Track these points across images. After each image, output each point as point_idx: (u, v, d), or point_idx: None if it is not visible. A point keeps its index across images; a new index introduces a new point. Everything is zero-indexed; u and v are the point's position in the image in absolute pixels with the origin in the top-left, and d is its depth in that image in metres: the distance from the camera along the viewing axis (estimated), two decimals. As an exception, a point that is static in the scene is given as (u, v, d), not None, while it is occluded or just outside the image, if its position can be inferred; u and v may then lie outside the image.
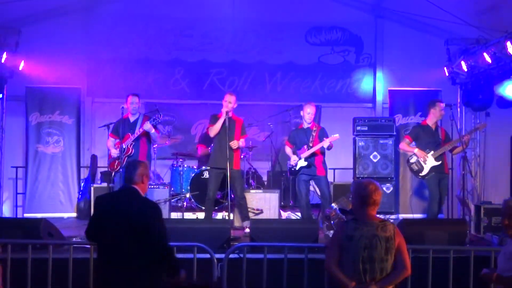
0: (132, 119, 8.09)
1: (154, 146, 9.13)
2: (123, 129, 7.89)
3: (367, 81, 11.58)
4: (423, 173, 8.01)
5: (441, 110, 8.10)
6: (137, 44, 11.32)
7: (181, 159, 9.78)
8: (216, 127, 7.93)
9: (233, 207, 8.28)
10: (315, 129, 8.13)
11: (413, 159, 8.09)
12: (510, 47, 7.70)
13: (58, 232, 6.85)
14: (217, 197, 8.57)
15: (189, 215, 8.87)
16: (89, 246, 5.81)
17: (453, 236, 6.66)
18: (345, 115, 10.73)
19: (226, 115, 7.89)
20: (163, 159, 10.43)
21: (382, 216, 6.92)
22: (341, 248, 4.08)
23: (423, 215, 9.23)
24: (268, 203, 8.66)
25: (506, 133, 9.90)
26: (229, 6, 10.86)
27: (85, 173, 10.58)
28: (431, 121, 8.12)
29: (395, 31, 11.33)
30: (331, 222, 7.46)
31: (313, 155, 8.05)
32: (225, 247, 6.28)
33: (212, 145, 8.46)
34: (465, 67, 9.18)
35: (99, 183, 9.98)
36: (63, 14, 10.87)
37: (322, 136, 8.03)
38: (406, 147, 8.24)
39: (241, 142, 8.05)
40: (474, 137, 9.77)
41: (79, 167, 10.38)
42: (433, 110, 8.09)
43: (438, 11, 9.10)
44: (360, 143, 9.10)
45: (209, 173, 8.36)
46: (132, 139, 7.86)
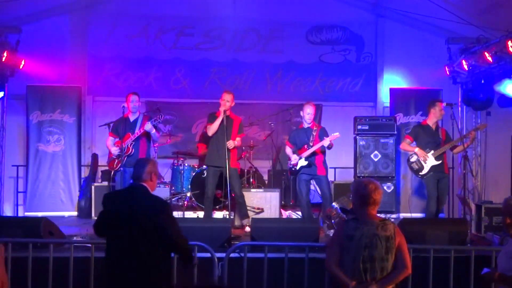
0: (132, 118, 8.07)
1: (154, 145, 9.13)
2: (123, 129, 7.89)
3: (368, 80, 11.57)
4: (423, 172, 8.01)
5: (441, 110, 8.11)
6: (138, 42, 11.32)
7: (182, 158, 9.79)
8: (214, 126, 7.93)
9: (234, 206, 8.27)
10: (315, 128, 8.13)
11: (413, 158, 8.10)
12: (510, 46, 7.70)
13: (58, 230, 6.86)
14: (218, 196, 8.58)
15: (189, 214, 8.88)
16: (89, 245, 5.83)
17: (454, 235, 6.67)
18: (346, 114, 10.74)
19: (224, 113, 7.89)
20: (164, 158, 10.42)
21: (383, 215, 6.93)
22: (341, 247, 4.07)
23: (423, 214, 9.22)
24: (268, 202, 8.66)
25: (507, 132, 9.87)
26: (230, 5, 10.83)
27: (85, 172, 10.58)
28: (431, 121, 8.13)
29: (396, 30, 11.31)
30: (332, 221, 7.46)
31: (314, 154, 8.04)
32: (225, 246, 6.29)
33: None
34: (466, 66, 9.18)
35: (100, 181, 9.99)
36: (63, 12, 10.88)
37: (322, 135, 8.02)
38: (406, 146, 8.26)
39: (237, 141, 8.03)
40: (475, 136, 9.74)
41: (79, 165, 10.39)
42: (433, 110, 8.09)
43: (439, 10, 9.10)
44: (361, 142, 9.09)
45: (206, 172, 8.35)
46: (132, 138, 7.85)
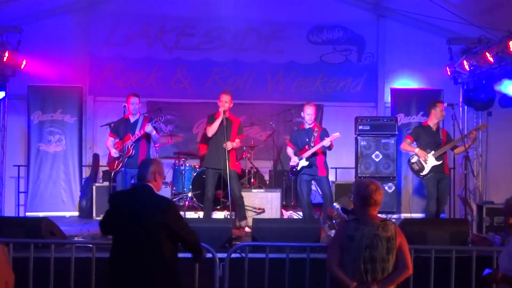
0: (132, 119, 8.07)
1: (156, 145, 9.14)
2: (123, 130, 7.89)
3: (369, 81, 11.56)
4: (424, 173, 8.02)
5: (442, 110, 8.12)
6: (139, 42, 11.32)
7: (183, 158, 9.79)
8: (213, 127, 7.93)
9: (234, 206, 8.27)
10: (316, 129, 8.12)
11: (414, 159, 8.11)
12: (512, 47, 7.70)
13: (60, 231, 6.86)
14: (219, 196, 8.58)
15: (191, 214, 8.88)
16: (91, 245, 5.84)
17: (455, 236, 6.66)
18: (347, 114, 10.74)
19: (223, 114, 7.89)
20: (165, 158, 10.41)
21: (384, 215, 6.93)
22: (342, 248, 4.07)
23: (424, 214, 9.21)
24: (270, 203, 8.66)
25: (508, 133, 9.88)
26: (231, 5, 10.82)
27: (87, 172, 10.59)
28: (432, 121, 8.13)
29: (397, 31, 11.31)
30: (333, 221, 7.46)
31: (315, 155, 8.04)
32: (226, 247, 6.29)
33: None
34: (467, 67, 9.17)
35: (101, 182, 10.00)
36: (64, 12, 10.88)
37: (323, 136, 8.00)
38: (407, 147, 8.27)
39: (236, 143, 8.04)
40: (476, 136, 9.73)
41: (81, 166, 10.41)
42: (433, 111, 8.11)
43: (440, 10, 9.09)
44: (362, 143, 9.09)
45: (206, 173, 8.35)
46: (132, 140, 7.85)
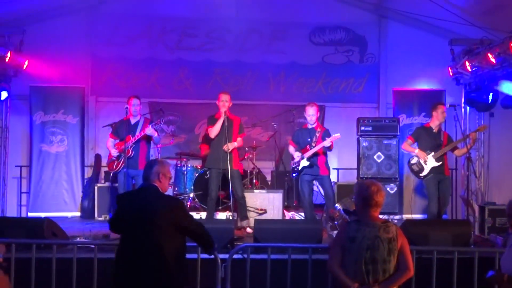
0: (133, 121, 8.11)
1: (158, 146, 9.17)
2: (123, 131, 7.91)
3: (371, 81, 11.56)
4: (423, 174, 8.03)
5: (443, 112, 8.14)
6: (141, 43, 11.33)
7: (185, 159, 9.80)
8: (216, 128, 7.94)
9: (236, 207, 8.27)
10: (319, 130, 8.12)
11: (414, 160, 8.13)
12: (514, 48, 7.69)
13: (61, 231, 6.86)
14: (221, 197, 8.57)
15: (192, 215, 8.85)
16: (93, 245, 5.84)
17: (457, 237, 6.65)
18: (349, 115, 10.75)
19: (224, 115, 7.90)
20: (167, 159, 10.41)
21: (386, 216, 6.94)
22: (343, 249, 4.07)
23: (426, 215, 9.22)
24: (271, 203, 8.65)
25: (510, 133, 9.86)
26: (232, 5, 10.85)
27: (88, 173, 10.61)
28: (434, 123, 8.16)
29: (399, 31, 11.31)
30: (335, 222, 7.46)
31: (316, 155, 8.05)
32: (228, 248, 6.28)
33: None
34: (469, 68, 9.16)
35: (103, 182, 10.01)
36: (67, 13, 10.88)
37: (325, 137, 8.00)
38: (407, 147, 8.30)
39: (238, 142, 8.07)
40: (478, 137, 9.73)
41: (83, 166, 10.43)
42: (434, 113, 8.14)
43: (442, 11, 9.07)
44: (364, 143, 9.07)
45: (209, 173, 8.36)
46: (132, 141, 7.88)
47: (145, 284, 4.07)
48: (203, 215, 8.59)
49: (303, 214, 8.55)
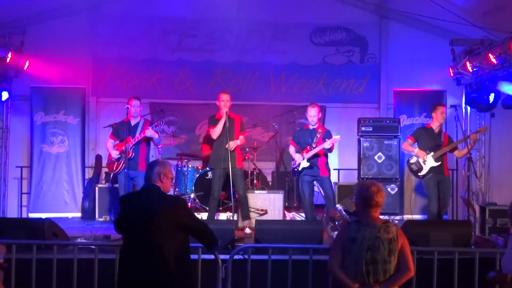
0: (133, 122, 8.09)
1: (158, 146, 9.17)
2: (124, 132, 7.91)
3: (372, 82, 11.56)
4: (422, 173, 8.04)
5: (442, 113, 8.15)
6: (142, 44, 11.34)
7: (186, 159, 9.80)
8: (218, 128, 7.94)
9: (237, 207, 8.27)
10: (320, 131, 8.12)
11: (413, 159, 8.15)
12: (515, 48, 7.68)
13: (62, 232, 6.86)
14: (222, 197, 8.57)
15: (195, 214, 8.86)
16: (93, 246, 5.84)
17: (458, 237, 6.65)
18: (349, 115, 10.75)
19: (226, 115, 7.90)
20: (168, 159, 10.41)
21: (386, 217, 6.93)
22: (343, 250, 4.08)
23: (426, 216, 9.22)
24: (272, 204, 8.65)
25: (511, 134, 9.85)
26: (233, 6, 10.84)
27: (89, 173, 10.60)
28: (434, 124, 8.18)
29: (400, 32, 11.31)
30: (336, 223, 7.45)
31: (316, 156, 8.04)
32: (229, 248, 6.27)
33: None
34: (470, 68, 9.15)
35: (104, 183, 10.01)
36: (68, 14, 10.88)
37: (326, 138, 7.99)
38: (407, 147, 8.32)
39: (240, 140, 8.08)
40: (478, 138, 9.73)
41: (83, 167, 10.43)
42: (434, 114, 8.17)
43: (442, 11, 9.07)
44: (364, 144, 9.05)
45: (212, 173, 8.36)
46: (132, 143, 7.88)
47: (147, 284, 4.07)
48: (204, 215, 8.59)
49: (303, 214, 8.55)
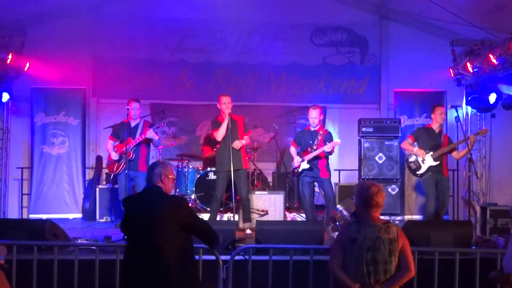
0: (133, 124, 8.11)
1: (159, 147, 9.18)
2: (124, 133, 7.92)
3: (372, 82, 11.56)
4: (420, 172, 8.03)
5: (441, 114, 8.15)
6: (142, 44, 11.34)
7: (186, 160, 9.80)
8: (221, 130, 7.94)
9: (238, 208, 8.27)
10: (321, 133, 8.12)
11: (412, 158, 8.15)
12: (515, 48, 7.68)
13: (63, 233, 6.86)
14: (223, 198, 8.58)
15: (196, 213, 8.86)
16: (94, 247, 5.84)
17: (459, 238, 6.63)
18: (350, 116, 10.75)
19: (228, 117, 7.91)
20: (168, 160, 10.42)
21: (387, 217, 6.92)
22: (344, 250, 4.08)
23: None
24: (273, 205, 8.65)
25: (511, 134, 9.86)
26: (234, 7, 10.84)
27: (90, 174, 10.60)
28: (434, 125, 8.19)
29: (400, 32, 11.32)
30: (336, 223, 7.45)
31: (317, 158, 8.04)
32: (230, 249, 6.27)
33: (217, 147, 8.44)
34: (470, 68, 9.14)
35: (104, 184, 10.01)
36: (68, 15, 10.88)
37: (327, 140, 8.00)
38: (407, 146, 8.32)
39: (245, 139, 8.08)
40: (479, 138, 9.73)
41: (84, 168, 10.42)
42: (433, 115, 8.19)
43: (443, 12, 9.07)
44: (365, 144, 9.05)
45: (216, 176, 8.34)
46: (132, 144, 7.89)
47: (150, 284, 4.09)
48: (205, 216, 8.58)
49: (304, 215, 8.55)
